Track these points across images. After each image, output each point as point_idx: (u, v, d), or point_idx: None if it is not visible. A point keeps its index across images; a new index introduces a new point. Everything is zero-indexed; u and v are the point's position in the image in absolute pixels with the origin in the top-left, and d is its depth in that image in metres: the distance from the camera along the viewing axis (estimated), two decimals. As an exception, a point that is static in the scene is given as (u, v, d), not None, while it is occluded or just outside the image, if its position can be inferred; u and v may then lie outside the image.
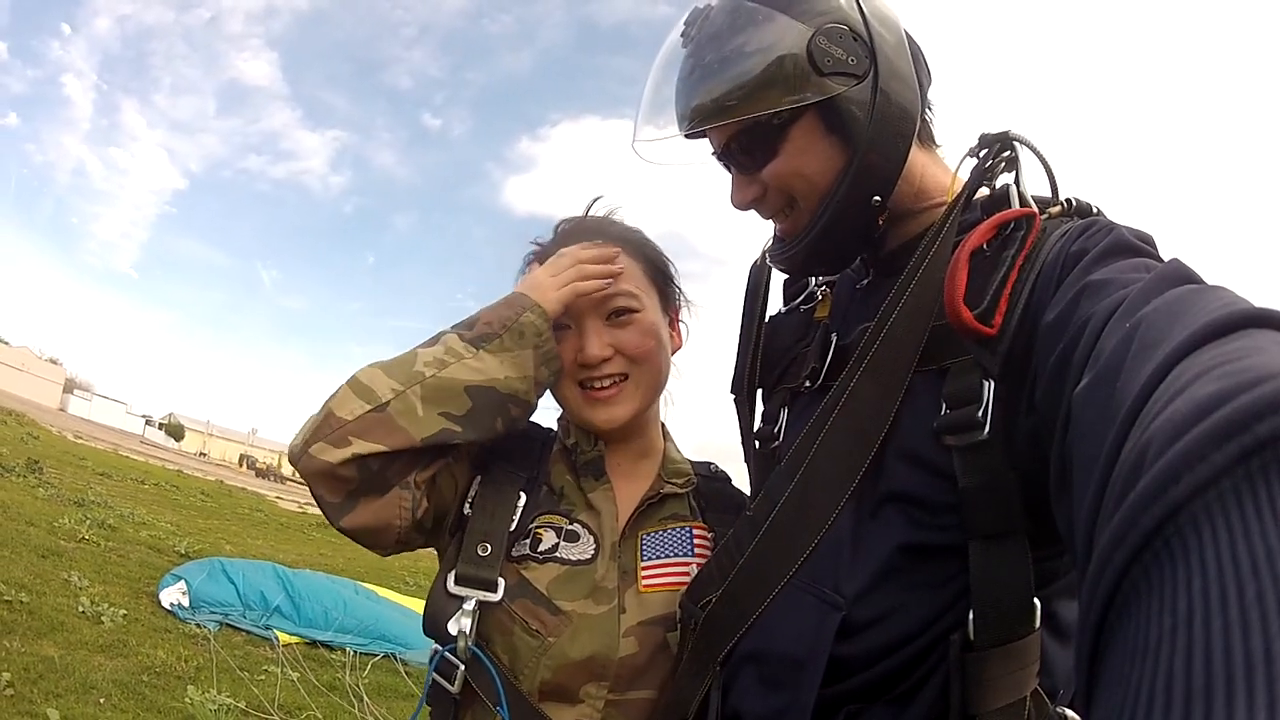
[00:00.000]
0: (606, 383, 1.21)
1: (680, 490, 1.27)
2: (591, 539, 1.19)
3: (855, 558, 0.90)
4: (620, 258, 1.23)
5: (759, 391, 1.21)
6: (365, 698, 5.29)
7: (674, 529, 1.23)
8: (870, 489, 0.91)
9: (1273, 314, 0.46)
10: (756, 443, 1.18)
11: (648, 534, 1.22)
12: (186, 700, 4.52)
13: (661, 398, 1.32)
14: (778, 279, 1.24)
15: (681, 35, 1.01)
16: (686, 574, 1.17)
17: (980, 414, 0.82)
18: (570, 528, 1.19)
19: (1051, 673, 0.84)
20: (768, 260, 1.14)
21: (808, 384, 1.08)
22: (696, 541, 1.23)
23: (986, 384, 0.83)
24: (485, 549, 1.13)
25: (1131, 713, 0.32)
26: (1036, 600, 0.80)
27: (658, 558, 1.20)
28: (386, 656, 6.60)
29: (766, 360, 1.20)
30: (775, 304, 1.26)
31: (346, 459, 1.03)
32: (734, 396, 1.24)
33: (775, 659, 0.92)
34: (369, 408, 1.05)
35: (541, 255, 1.29)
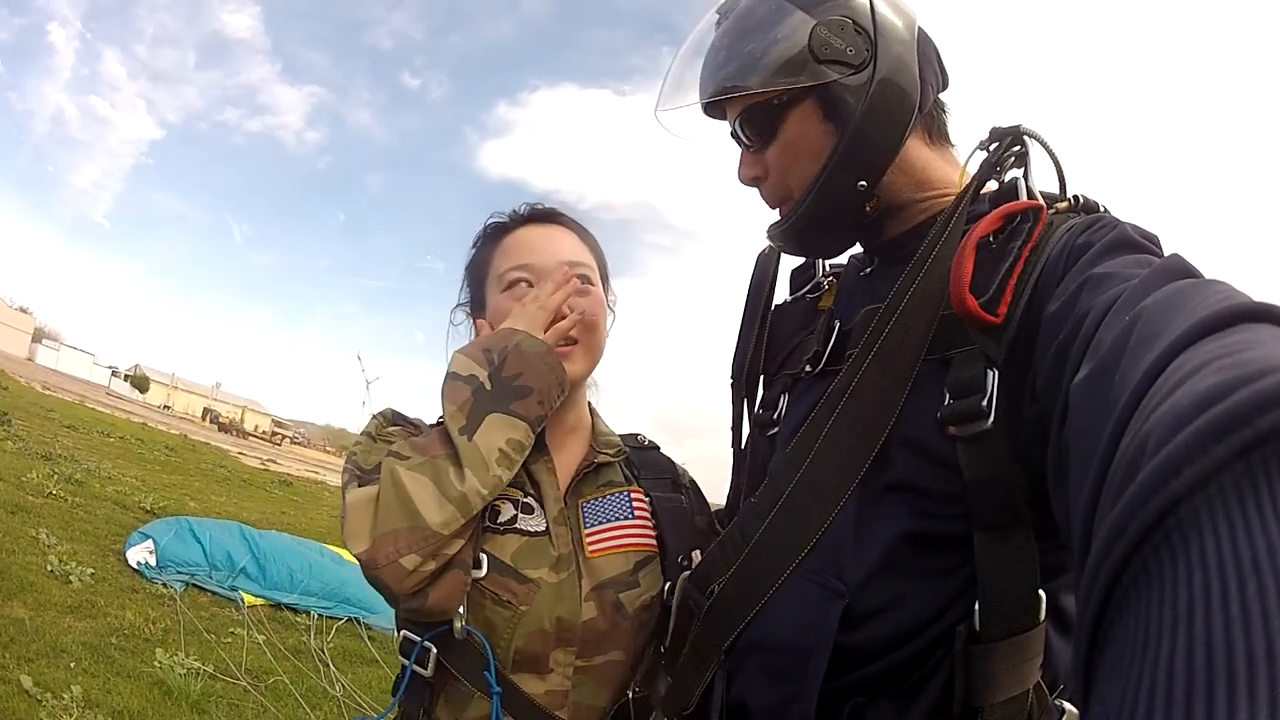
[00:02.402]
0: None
1: (612, 459, 1.26)
2: (541, 511, 1.17)
3: (858, 546, 0.85)
4: (578, 240, 1.28)
5: (760, 379, 1.17)
6: (331, 664, 5.16)
7: (613, 495, 1.22)
8: (874, 478, 0.87)
9: (1272, 308, 0.43)
10: (756, 428, 1.14)
11: (587, 502, 1.21)
12: (155, 664, 4.32)
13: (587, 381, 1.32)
14: (785, 269, 1.22)
15: (716, 22, 1.01)
16: (629, 535, 1.18)
17: (984, 404, 0.77)
18: (525, 500, 1.16)
19: (1053, 665, 0.80)
20: (767, 236, 1.10)
21: (808, 369, 1.03)
22: (635, 504, 1.22)
23: (990, 373, 0.78)
24: None
25: (1131, 708, 0.30)
26: (1042, 592, 0.76)
27: (600, 523, 1.19)
28: (350, 620, 6.37)
29: (770, 348, 1.16)
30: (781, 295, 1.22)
31: (442, 565, 1.00)
32: (732, 382, 1.20)
33: (779, 648, 0.87)
34: (463, 519, 1.01)
35: (504, 229, 1.28)
